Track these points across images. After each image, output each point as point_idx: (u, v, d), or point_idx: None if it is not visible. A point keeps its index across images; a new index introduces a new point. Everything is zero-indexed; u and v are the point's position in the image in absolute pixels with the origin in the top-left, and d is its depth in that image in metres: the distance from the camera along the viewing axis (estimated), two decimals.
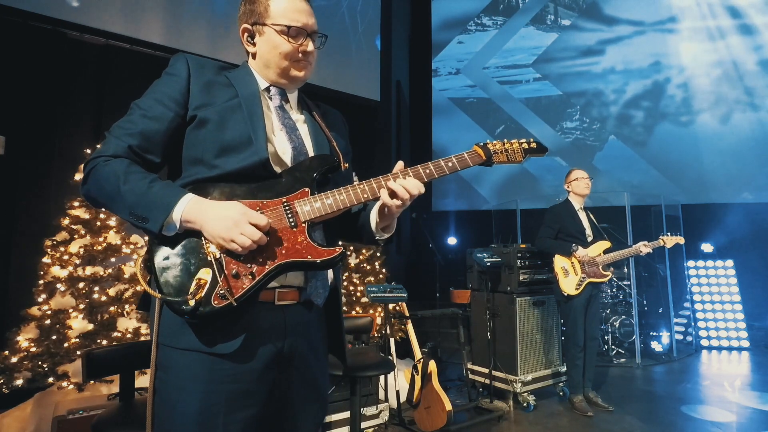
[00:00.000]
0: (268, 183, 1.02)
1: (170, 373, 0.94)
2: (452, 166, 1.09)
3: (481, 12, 7.96)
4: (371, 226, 1.13)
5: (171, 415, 0.93)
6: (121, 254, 3.21)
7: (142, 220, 0.91)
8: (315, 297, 1.08)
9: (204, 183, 0.99)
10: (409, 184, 1.02)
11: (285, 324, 1.02)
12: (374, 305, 4.14)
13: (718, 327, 5.72)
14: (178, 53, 1.08)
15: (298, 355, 1.05)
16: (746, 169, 6.43)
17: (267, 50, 1.09)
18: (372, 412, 2.89)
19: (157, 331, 0.94)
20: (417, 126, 8.11)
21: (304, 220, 1.00)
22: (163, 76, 1.05)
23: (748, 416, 3.24)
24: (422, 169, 1.07)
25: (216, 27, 5.09)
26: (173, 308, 0.90)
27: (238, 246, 0.91)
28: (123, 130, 0.99)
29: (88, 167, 0.97)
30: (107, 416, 1.57)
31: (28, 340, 2.81)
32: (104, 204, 0.96)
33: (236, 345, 0.94)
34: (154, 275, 0.93)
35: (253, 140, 1.02)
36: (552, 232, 3.43)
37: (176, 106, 1.01)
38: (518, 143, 1.17)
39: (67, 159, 3.63)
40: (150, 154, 1.00)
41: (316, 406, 1.12)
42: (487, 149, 1.13)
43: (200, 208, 0.92)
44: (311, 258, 0.97)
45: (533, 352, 3.53)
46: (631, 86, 7.09)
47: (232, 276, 0.92)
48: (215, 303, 0.90)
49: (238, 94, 1.06)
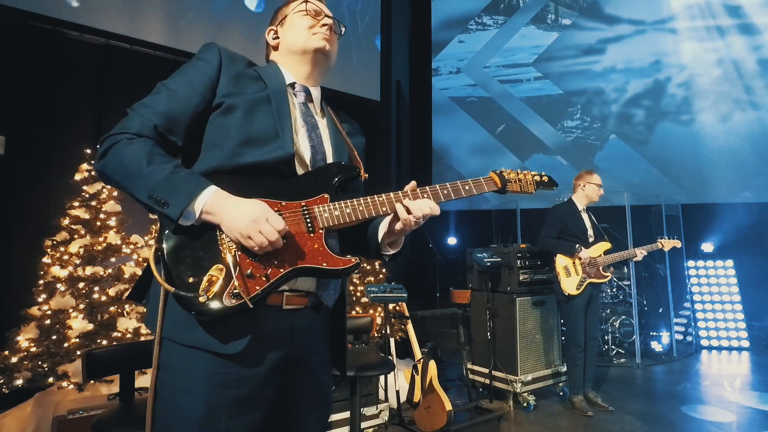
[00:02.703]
0: (287, 183, 1.00)
1: (172, 373, 0.91)
2: (468, 189, 1.09)
3: (481, 11, 7.95)
4: (378, 240, 1.12)
5: (172, 418, 0.90)
6: (121, 254, 3.21)
7: (161, 204, 0.87)
8: (326, 299, 1.07)
9: (221, 174, 0.96)
10: (426, 205, 1.02)
11: (291, 328, 1.00)
12: (374, 305, 4.13)
13: (718, 327, 5.72)
14: (210, 42, 1.07)
15: (304, 360, 1.03)
16: (746, 169, 6.42)
17: (289, 32, 1.13)
18: (372, 412, 2.89)
19: (161, 325, 0.91)
20: (417, 126, 8.11)
21: (323, 226, 0.98)
22: (194, 61, 1.04)
23: (748, 416, 3.24)
24: (440, 189, 1.06)
25: (216, 27, 5.09)
26: (183, 303, 0.87)
27: (255, 244, 0.88)
28: (149, 109, 0.96)
29: (108, 142, 0.93)
30: (107, 416, 1.56)
31: (28, 340, 2.81)
32: (119, 182, 0.92)
33: (242, 345, 0.91)
34: (165, 266, 0.90)
35: (280, 134, 1.01)
36: (555, 232, 3.43)
37: (205, 90, 0.99)
38: (531, 175, 1.20)
39: (67, 159, 3.63)
40: (173, 136, 0.98)
41: (320, 412, 1.11)
42: (503, 177, 1.15)
43: (223, 201, 0.90)
44: (327, 266, 0.96)
45: (533, 352, 3.53)
46: (631, 85, 7.08)
47: (247, 276, 0.90)
48: (227, 302, 0.87)
49: (266, 87, 1.06)
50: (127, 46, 4.44)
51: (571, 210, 3.44)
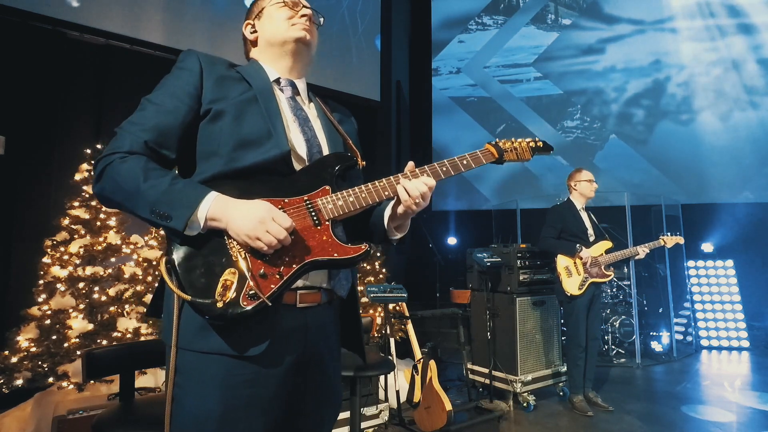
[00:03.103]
0: (286, 180, 1.01)
1: (189, 378, 0.91)
2: (467, 164, 1.10)
3: (481, 11, 7.95)
4: (384, 224, 1.12)
5: (190, 422, 0.90)
6: (121, 254, 3.21)
7: (165, 218, 0.87)
8: (339, 289, 1.07)
9: (221, 180, 0.96)
10: (421, 183, 1.01)
11: (306, 327, 1.01)
12: (374, 305, 4.13)
13: (718, 327, 5.72)
14: (187, 49, 1.06)
15: (317, 358, 1.04)
16: (746, 169, 6.42)
17: (268, 24, 1.11)
18: (372, 412, 2.88)
19: (176, 335, 0.91)
20: (417, 126, 8.11)
21: (328, 218, 0.98)
22: (174, 71, 1.03)
23: (748, 416, 3.24)
24: (438, 167, 1.07)
25: (216, 27, 5.09)
26: (201, 310, 0.87)
27: (264, 245, 0.88)
28: (137, 126, 0.95)
29: (101, 164, 0.92)
30: (107, 416, 1.56)
31: (28, 340, 2.81)
32: (120, 203, 0.92)
33: (263, 347, 0.91)
34: (176, 277, 0.90)
35: (273, 133, 1.00)
36: (555, 232, 3.42)
37: (190, 99, 0.99)
38: (526, 142, 1.20)
39: (67, 159, 3.63)
40: (165, 149, 0.97)
41: (331, 410, 1.11)
42: (498, 147, 1.15)
43: (226, 206, 0.90)
44: (338, 256, 0.96)
45: (533, 352, 3.53)
46: (631, 85, 7.08)
47: (260, 276, 0.90)
48: (245, 304, 0.87)
49: (251, 87, 1.05)
50: (127, 46, 4.44)
51: (570, 210, 3.44)
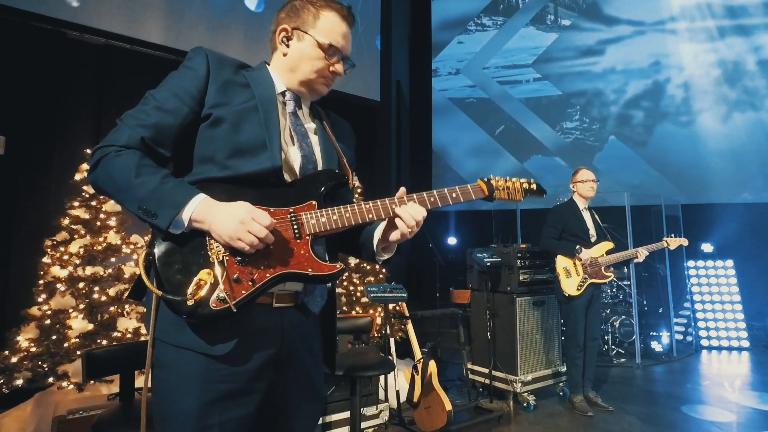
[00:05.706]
0: (276, 191, 1.02)
1: (167, 372, 0.95)
2: (456, 197, 1.12)
3: (481, 12, 7.96)
4: (372, 245, 1.15)
5: (167, 415, 0.94)
6: (121, 254, 3.21)
7: (150, 215, 0.91)
8: (312, 305, 1.10)
9: (213, 183, 0.98)
10: (414, 211, 1.04)
11: (282, 326, 1.03)
12: (374, 305, 4.14)
13: (718, 327, 5.72)
14: (198, 47, 1.06)
15: (295, 355, 1.07)
16: (746, 169, 6.43)
17: (300, 57, 1.10)
18: (372, 412, 2.88)
19: (153, 327, 0.95)
20: (417, 126, 8.11)
21: (309, 233, 1.00)
22: (181, 69, 1.04)
23: (748, 416, 3.24)
24: (427, 196, 1.09)
25: (216, 27, 5.09)
26: (171, 306, 0.91)
27: (245, 244, 0.91)
28: (137, 121, 0.97)
29: (97, 155, 0.95)
30: (107, 416, 1.57)
31: (28, 340, 2.81)
32: (111, 194, 0.95)
33: (229, 348, 0.95)
34: (155, 270, 0.93)
35: (268, 146, 1.01)
36: (555, 232, 3.41)
37: (192, 101, 1.00)
38: (519, 183, 1.23)
39: (67, 159, 3.63)
40: (162, 148, 0.99)
41: (313, 405, 1.14)
42: (490, 185, 1.17)
43: (209, 209, 0.92)
44: (312, 272, 0.98)
45: (533, 352, 3.53)
46: (631, 86, 7.09)
47: (234, 280, 0.93)
48: (213, 306, 0.90)
49: (254, 96, 1.05)
50: (127, 46, 4.44)
51: (572, 210, 3.43)
